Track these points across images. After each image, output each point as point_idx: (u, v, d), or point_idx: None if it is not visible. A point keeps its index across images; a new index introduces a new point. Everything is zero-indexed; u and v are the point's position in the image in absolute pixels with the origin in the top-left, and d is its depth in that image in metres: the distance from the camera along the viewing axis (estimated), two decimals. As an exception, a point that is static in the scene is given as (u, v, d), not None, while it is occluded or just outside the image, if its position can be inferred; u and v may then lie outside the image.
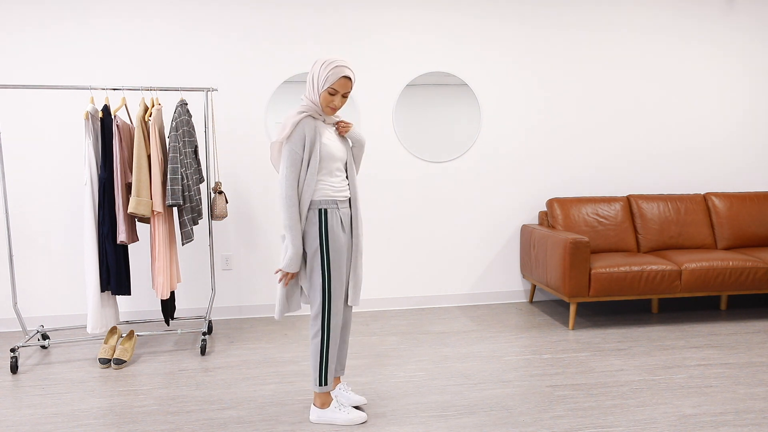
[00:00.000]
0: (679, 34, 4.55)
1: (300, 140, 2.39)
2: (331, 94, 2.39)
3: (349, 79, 2.39)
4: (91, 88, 3.30)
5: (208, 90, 3.54)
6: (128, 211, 3.20)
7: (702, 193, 4.59)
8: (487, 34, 4.34)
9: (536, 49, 4.40)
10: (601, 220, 4.29)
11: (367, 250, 4.38)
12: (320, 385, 2.53)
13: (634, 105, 4.56)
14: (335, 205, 2.49)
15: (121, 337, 3.49)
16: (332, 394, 2.71)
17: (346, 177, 2.58)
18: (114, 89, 3.33)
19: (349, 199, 2.59)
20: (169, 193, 3.26)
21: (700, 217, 4.38)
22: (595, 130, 4.53)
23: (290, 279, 2.48)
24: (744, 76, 4.67)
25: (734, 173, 4.74)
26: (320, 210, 2.45)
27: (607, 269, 3.77)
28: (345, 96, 2.43)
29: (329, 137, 2.49)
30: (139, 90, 3.41)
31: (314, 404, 2.59)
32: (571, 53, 4.45)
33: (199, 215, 3.58)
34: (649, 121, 4.59)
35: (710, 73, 4.63)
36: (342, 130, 2.55)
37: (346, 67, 2.37)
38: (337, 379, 2.75)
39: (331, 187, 2.49)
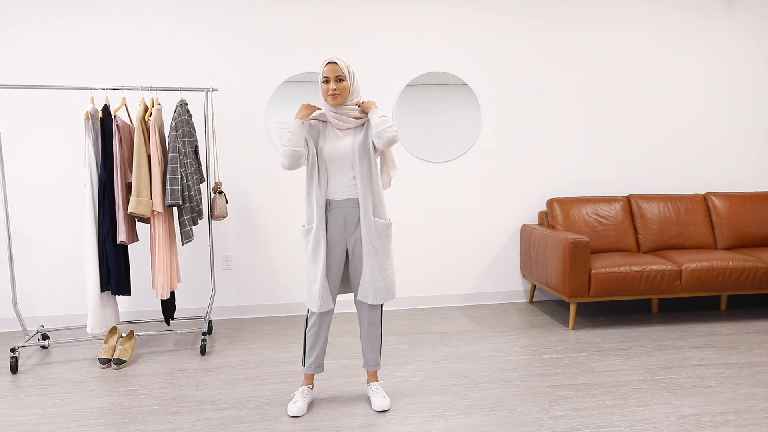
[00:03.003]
0: (679, 34, 4.55)
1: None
2: (326, 82, 2.56)
3: (335, 63, 2.53)
4: (91, 88, 3.30)
5: (208, 90, 3.54)
6: (128, 211, 3.20)
7: (702, 193, 4.59)
8: (488, 34, 4.34)
9: (536, 49, 4.40)
10: (601, 220, 4.29)
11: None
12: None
13: (634, 105, 4.56)
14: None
15: (121, 337, 3.49)
16: (366, 389, 2.85)
17: (354, 177, 2.61)
18: (114, 89, 3.33)
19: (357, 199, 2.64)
20: (168, 193, 3.26)
21: (700, 217, 4.38)
22: (595, 130, 4.53)
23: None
24: (744, 76, 4.67)
25: (734, 173, 4.74)
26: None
27: (607, 269, 3.77)
28: (338, 80, 2.54)
29: (336, 138, 2.63)
30: (139, 90, 3.42)
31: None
32: (572, 53, 4.45)
33: (200, 215, 3.58)
34: (649, 121, 4.59)
35: (710, 72, 4.63)
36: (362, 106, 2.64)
37: (332, 57, 2.59)
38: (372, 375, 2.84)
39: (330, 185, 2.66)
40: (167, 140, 3.37)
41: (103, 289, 3.31)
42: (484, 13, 4.32)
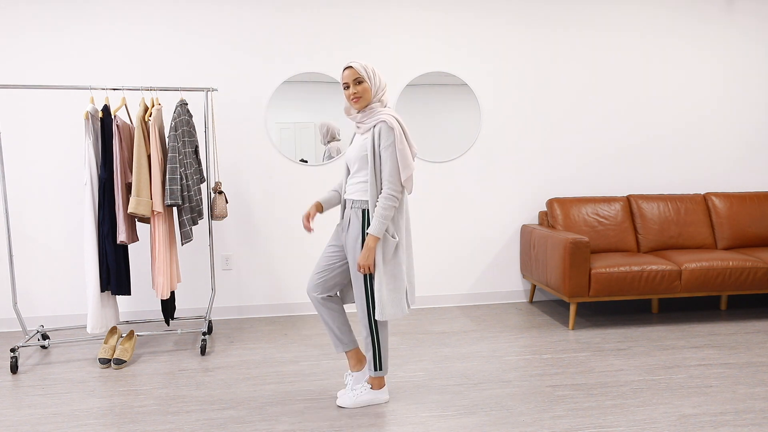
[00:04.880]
0: (679, 33, 4.55)
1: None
2: (346, 89, 2.57)
3: (351, 67, 2.53)
4: (91, 88, 3.30)
5: (208, 90, 3.54)
6: (128, 211, 3.20)
7: (702, 193, 4.59)
8: (487, 34, 4.34)
9: (536, 49, 4.40)
10: (601, 220, 4.29)
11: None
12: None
13: (634, 105, 4.56)
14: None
15: (121, 337, 3.50)
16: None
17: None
18: (114, 89, 3.33)
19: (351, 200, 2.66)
20: (167, 193, 3.26)
21: (700, 217, 4.38)
22: (595, 129, 4.53)
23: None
24: (744, 76, 4.67)
25: (734, 173, 4.74)
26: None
27: (607, 269, 3.77)
28: (357, 83, 2.53)
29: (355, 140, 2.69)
30: (139, 90, 3.42)
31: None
32: (571, 53, 4.45)
33: (200, 215, 3.58)
34: (648, 121, 4.59)
35: (710, 72, 4.63)
36: None
37: (348, 61, 2.60)
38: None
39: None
40: (167, 140, 3.37)
41: (103, 289, 3.31)
42: (483, 13, 4.32)
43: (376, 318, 2.57)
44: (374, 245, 2.50)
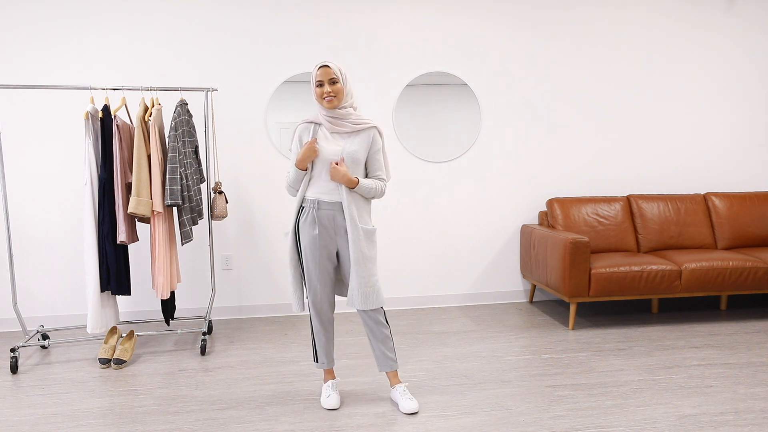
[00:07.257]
0: (679, 34, 4.55)
1: (296, 143, 2.71)
2: (319, 86, 2.58)
3: (328, 66, 2.56)
4: (91, 88, 3.30)
5: (208, 90, 3.54)
6: (128, 211, 3.20)
7: (702, 193, 4.59)
8: (488, 34, 4.34)
9: (537, 49, 4.40)
10: (601, 220, 4.29)
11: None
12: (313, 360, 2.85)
13: (634, 105, 4.56)
14: (314, 205, 2.63)
15: (121, 337, 3.49)
16: (391, 393, 2.81)
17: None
18: (114, 89, 3.33)
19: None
20: (167, 193, 3.26)
21: (700, 217, 4.38)
22: (595, 130, 4.53)
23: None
24: (744, 76, 4.67)
25: (734, 173, 4.74)
26: (299, 206, 2.67)
27: (607, 269, 3.77)
28: (332, 82, 2.57)
29: (325, 140, 2.64)
30: (139, 90, 3.42)
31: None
32: (571, 53, 4.44)
33: (200, 215, 3.58)
34: (649, 121, 4.59)
35: (710, 72, 4.63)
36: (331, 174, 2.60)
37: (323, 60, 2.61)
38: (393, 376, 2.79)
39: (319, 187, 2.64)
40: (167, 140, 3.36)
41: (103, 289, 3.31)
42: (484, 13, 4.32)
43: (381, 306, 2.68)
44: (348, 180, 2.56)
